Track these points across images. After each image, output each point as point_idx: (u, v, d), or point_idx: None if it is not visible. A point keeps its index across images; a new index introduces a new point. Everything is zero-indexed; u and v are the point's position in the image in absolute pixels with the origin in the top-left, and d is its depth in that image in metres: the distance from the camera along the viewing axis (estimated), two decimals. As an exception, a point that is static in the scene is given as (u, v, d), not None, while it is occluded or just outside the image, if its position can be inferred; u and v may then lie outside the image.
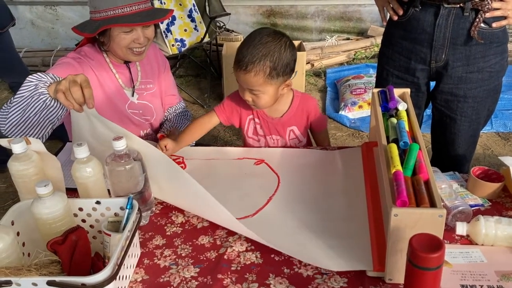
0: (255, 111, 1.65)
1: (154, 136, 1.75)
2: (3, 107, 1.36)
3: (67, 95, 1.22)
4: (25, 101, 1.31)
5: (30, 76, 1.36)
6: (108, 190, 1.27)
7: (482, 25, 1.51)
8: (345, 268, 1.09)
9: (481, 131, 1.80)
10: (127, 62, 1.65)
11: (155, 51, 1.79)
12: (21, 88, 1.34)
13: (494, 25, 1.51)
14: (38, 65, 4.06)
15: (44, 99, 1.30)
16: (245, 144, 1.75)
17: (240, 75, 1.48)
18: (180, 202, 1.33)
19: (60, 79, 1.28)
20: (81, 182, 1.21)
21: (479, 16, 1.48)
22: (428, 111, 1.84)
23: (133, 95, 1.68)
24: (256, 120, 1.67)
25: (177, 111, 1.85)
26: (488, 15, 1.48)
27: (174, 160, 1.43)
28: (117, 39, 1.52)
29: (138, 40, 1.53)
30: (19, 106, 1.32)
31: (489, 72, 1.59)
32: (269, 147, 1.69)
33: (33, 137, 1.30)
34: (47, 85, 1.33)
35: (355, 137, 3.15)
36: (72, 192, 1.30)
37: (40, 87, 1.32)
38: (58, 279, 0.92)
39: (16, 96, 1.34)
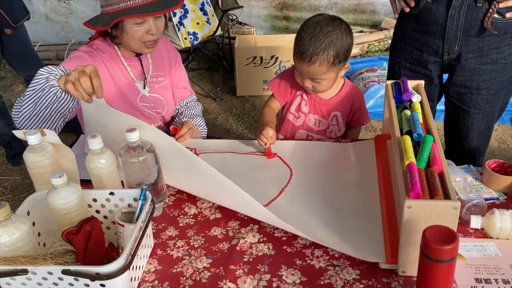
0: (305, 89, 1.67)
1: (165, 129, 1.76)
2: (17, 101, 1.38)
3: (76, 85, 1.23)
4: (37, 94, 1.32)
5: (41, 69, 1.37)
6: (122, 182, 1.28)
7: (496, 15, 1.48)
8: (357, 257, 1.09)
9: (497, 124, 1.78)
10: (138, 55, 1.66)
11: (165, 44, 1.80)
12: (32, 82, 1.35)
13: (508, 15, 1.48)
14: (53, 58, 4.09)
15: (55, 91, 1.31)
16: (281, 122, 1.78)
17: (303, 67, 1.51)
18: (196, 188, 1.33)
19: (70, 71, 1.30)
20: (95, 174, 1.22)
21: (493, 6, 1.46)
22: (439, 107, 1.83)
23: (144, 88, 1.69)
24: (304, 96, 1.69)
25: (188, 104, 1.86)
26: (502, 5, 1.45)
27: None
28: (130, 31, 1.53)
29: (151, 31, 1.54)
30: (31, 99, 1.34)
31: (503, 64, 1.57)
32: (308, 127, 1.70)
33: None
34: (58, 77, 1.34)
35: (368, 130, 3.14)
36: (86, 183, 1.31)
37: (50, 79, 1.33)
38: (72, 268, 0.93)
39: (28, 90, 1.35)
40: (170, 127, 1.69)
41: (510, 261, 1.08)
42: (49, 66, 1.41)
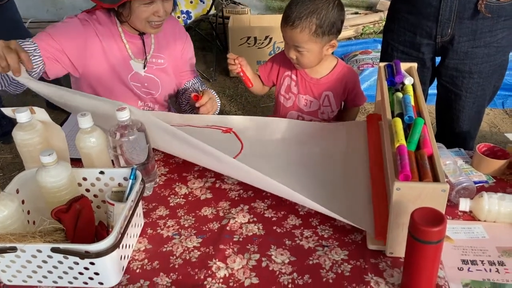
0: (294, 69, 1.67)
1: (153, 109, 1.74)
2: None
3: (1, 61, 1.24)
4: None
5: None
6: (112, 161, 1.27)
7: None
8: (350, 223, 1.10)
9: (488, 108, 1.78)
10: (141, 34, 1.64)
11: (174, 26, 1.76)
12: None
13: None
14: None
15: None
16: (274, 106, 1.80)
17: (286, 31, 1.52)
18: (180, 152, 1.35)
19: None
20: (85, 152, 1.21)
21: None
22: (431, 91, 1.82)
23: (144, 67, 1.67)
24: (293, 76, 1.69)
25: (194, 86, 1.84)
26: None
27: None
28: (137, 11, 1.50)
29: (158, 13, 1.52)
30: None
31: (496, 47, 1.56)
32: (299, 108, 1.70)
33: None
34: None
35: (361, 113, 3.13)
36: (76, 162, 1.31)
37: None
38: (62, 246, 0.93)
39: None
40: (191, 94, 1.65)
41: (496, 243, 1.09)
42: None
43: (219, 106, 1.75)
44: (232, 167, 1.22)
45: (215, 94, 1.82)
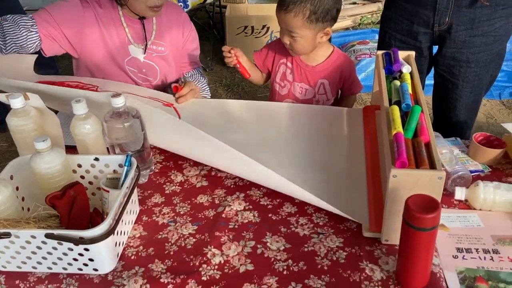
0: (290, 56, 1.67)
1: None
2: None
3: None
4: None
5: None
6: (108, 149, 1.26)
7: None
8: (344, 215, 1.10)
9: (485, 99, 1.78)
10: (142, 18, 1.62)
11: (178, 14, 1.75)
12: None
13: None
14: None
15: None
16: (270, 94, 1.79)
17: (280, 15, 1.52)
18: (182, 148, 1.34)
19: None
20: (79, 139, 1.21)
21: None
22: (428, 81, 1.82)
23: (145, 53, 1.66)
24: (288, 64, 1.68)
25: (193, 76, 1.83)
26: None
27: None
28: None
29: None
30: None
31: (493, 36, 1.56)
32: (294, 96, 1.70)
33: None
34: None
35: (358, 103, 3.13)
36: (71, 150, 1.30)
37: None
38: (56, 232, 0.92)
39: None
40: (172, 85, 1.66)
41: (491, 232, 1.09)
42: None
43: (209, 97, 1.74)
44: (228, 157, 1.21)
45: (206, 85, 1.82)
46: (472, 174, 1.24)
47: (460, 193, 1.16)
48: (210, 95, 1.82)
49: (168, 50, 1.71)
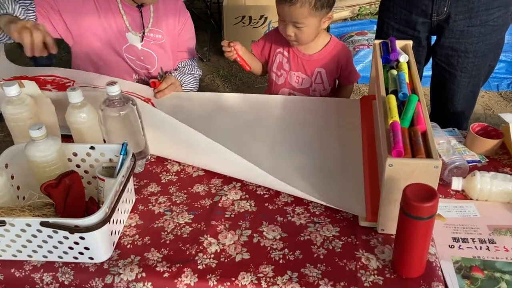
0: (286, 45, 1.65)
1: (147, 82, 1.72)
2: None
3: (27, 37, 1.26)
4: None
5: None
6: (104, 141, 1.25)
7: None
8: (339, 208, 1.10)
9: (483, 91, 1.78)
10: (140, 6, 1.61)
11: (176, 1, 1.74)
12: None
13: None
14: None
15: None
16: (268, 82, 1.78)
17: (284, 8, 1.49)
18: (178, 151, 1.32)
19: (20, 21, 1.32)
20: (75, 128, 1.20)
21: None
22: (426, 73, 1.81)
23: (142, 41, 1.65)
24: (285, 53, 1.67)
25: (186, 67, 1.81)
26: None
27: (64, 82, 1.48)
28: None
29: None
30: None
31: (492, 26, 1.55)
32: (290, 85, 1.69)
33: None
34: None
35: (355, 94, 3.13)
36: (68, 139, 1.29)
37: None
38: (51, 220, 0.92)
39: None
40: (150, 80, 1.65)
41: (487, 222, 1.09)
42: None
43: (195, 90, 1.74)
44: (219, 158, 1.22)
45: (196, 78, 1.79)
46: (469, 164, 1.24)
47: (457, 183, 1.16)
48: (197, 88, 1.80)
49: (165, 38, 1.70)
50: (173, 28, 1.73)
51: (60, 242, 0.97)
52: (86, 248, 0.97)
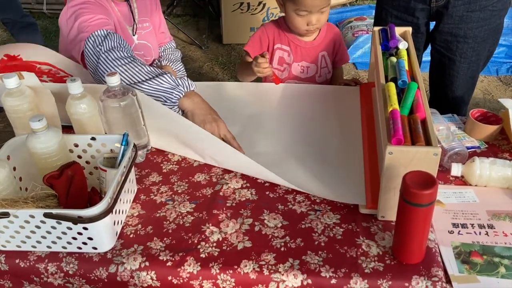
0: (285, 38, 1.64)
1: None
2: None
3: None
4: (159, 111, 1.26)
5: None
6: (105, 132, 1.25)
7: None
8: (338, 200, 1.11)
9: (482, 75, 1.78)
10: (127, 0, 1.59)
11: None
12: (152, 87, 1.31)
13: None
14: (32, 2, 3.94)
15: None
16: (265, 78, 1.73)
17: (307, 2, 1.46)
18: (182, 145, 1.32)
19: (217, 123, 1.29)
20: (75, 119, 1.20)
21: None
22: (425, 58, 1.80)
23: (135, 34, 1.64)
24: (284, 47, 1.66)
25: (167, 51, 1.80)
26: None
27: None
28: None
29: None
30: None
31: (491, 11, 1.54)
32: (294, 76, 1.68)
33: None
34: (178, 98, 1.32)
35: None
36: (68, 129, 1.29)
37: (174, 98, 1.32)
38: (54, 211, 0.93)
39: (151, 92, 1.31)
40: None
41: (486, 207, 1.10)
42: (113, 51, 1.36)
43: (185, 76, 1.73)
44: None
45: (182, 66, 1.78)
46: (469, 150, 1.25)
47: (456, 169, 1.17)
48: (185, 74, 1.79)
49: (151, 24, 1.70)
50: (151, 11, 1.72)
51: (64, 233, 0.98)
52: (90, 238, 0.99)
